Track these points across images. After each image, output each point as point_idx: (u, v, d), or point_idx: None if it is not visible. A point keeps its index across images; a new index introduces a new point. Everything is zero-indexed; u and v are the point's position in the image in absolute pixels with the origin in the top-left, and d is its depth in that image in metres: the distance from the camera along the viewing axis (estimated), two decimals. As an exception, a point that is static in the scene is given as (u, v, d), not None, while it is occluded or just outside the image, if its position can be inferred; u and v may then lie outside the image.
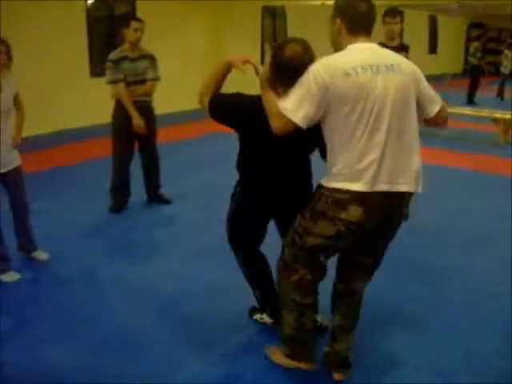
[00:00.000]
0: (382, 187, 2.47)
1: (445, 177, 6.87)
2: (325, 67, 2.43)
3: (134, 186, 5.63)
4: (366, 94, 2.40)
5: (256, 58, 2.80)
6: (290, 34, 14.14)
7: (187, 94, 9.87)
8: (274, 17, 13.96)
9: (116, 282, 4.05)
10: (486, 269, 4.31)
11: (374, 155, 2.43)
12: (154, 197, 5.73)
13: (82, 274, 4.15)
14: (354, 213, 2.47)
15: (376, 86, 2.42)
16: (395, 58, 2.60)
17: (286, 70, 2.49)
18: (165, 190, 5.80)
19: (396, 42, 5.50)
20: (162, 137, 5.95)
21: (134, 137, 5.36)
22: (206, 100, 2.83)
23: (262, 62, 2.65)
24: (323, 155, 2.70)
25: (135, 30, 5.17)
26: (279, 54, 2.52)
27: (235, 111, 2.82)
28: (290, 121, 2.43)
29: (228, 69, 2.90)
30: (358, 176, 2.45)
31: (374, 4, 2.57)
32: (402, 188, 2.52)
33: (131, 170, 5.57)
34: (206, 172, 6.95)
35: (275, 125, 2.49)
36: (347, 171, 2.46)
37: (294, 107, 2.43)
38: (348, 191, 2.46)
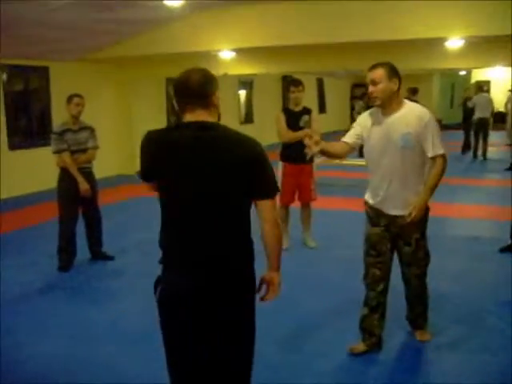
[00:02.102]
0: None
1: (347, 218, 7.88)
2: None
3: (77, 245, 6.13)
4: None
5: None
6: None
7: (105, 161, 10.42)
8: (177, 86, 14.79)
9: (82, 324, 4.57)
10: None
11: None
12: (98, 254, 6.25)
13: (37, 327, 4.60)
14: None
15: None
16: None
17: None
18: (105, 247, 6.34)
19: (300, 107, 6.44)
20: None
21: (78, 200, 5.92)
22: None
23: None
24: None
25: (77, 105, 5.80)
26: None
27: None
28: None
29: None
30: None
31: None
32: None
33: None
34: (137, 231, 7.56)
35: None
36: None
37: None
38: None
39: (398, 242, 3.88)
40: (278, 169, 6.36)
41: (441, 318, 4.51)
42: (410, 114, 3.65)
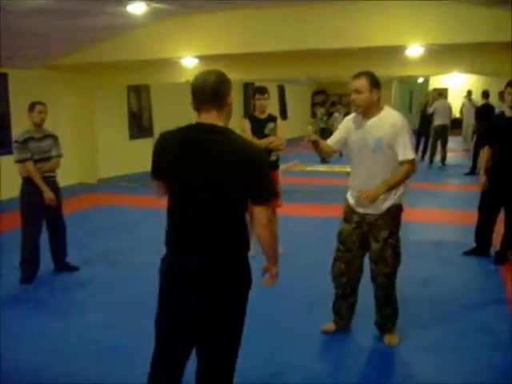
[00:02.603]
0: None
1: (312, 225, 7.93)
2: None
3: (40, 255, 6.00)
4: None
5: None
6: (155, 108, 14.99)
7: (67, 169, 10.26)
8: (138, 93, 14.69)
9: (47, 337, 4.47)
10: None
11: None
12: (62, 265, 6.12)
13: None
14: None
15: None
16: None
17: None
18: (69, 258, 6.21)
19: (265, 115, 6.45)
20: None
21: (42, 210, 5.80)
22: None
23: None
24: None
25: (39, 112, 5.69)
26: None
27: None
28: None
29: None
30: None
31: None
32: None
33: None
34: (101, 240, 7.47)
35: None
36: None
37: None
38: None
39: (369, 239, 4.08)
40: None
41: (409, 322, 4.56)
42: (385, 120, 3.91)
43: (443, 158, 14.88)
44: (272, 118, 6.39)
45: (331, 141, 4.24)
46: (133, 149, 14.01)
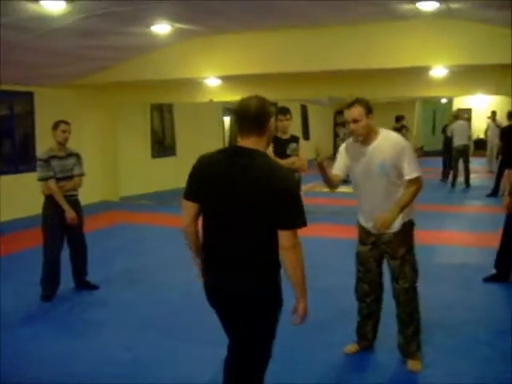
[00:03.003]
0: None
1: (331, 246, 7.86)
2: None
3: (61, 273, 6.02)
4: None
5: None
6: (178, 127, 15.09)
7: (89, 187, 10.36)
8: (161, 112, 14.81)
9: (65, 357, 4.45)
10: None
11: None
12: (82, 283, 6.14)
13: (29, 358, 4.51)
14: None
15: None
16: None
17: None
18: (89, 276, 6.23)
19: (288, 135, 6.46)
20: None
21: (63, 228, 5.83)
22: None
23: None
24: None
25: (63, 131, 5.74)
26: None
27: None
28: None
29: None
30: None
31: None
32: None
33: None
34: (121, 259, 7.48)
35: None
36: None
37: None
38: None
39: (387, 258, 4.14)
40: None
41: (434, 348, 4.48)
42: (385, 142, 3.93)
43: (467, 179, 14.69)
44: (294, 139, 6.40)
45: (336, 170, 4.20)
46: (155, 167, 14.12)
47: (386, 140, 3.94)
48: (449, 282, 6.31)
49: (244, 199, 2.65)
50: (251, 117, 2.70)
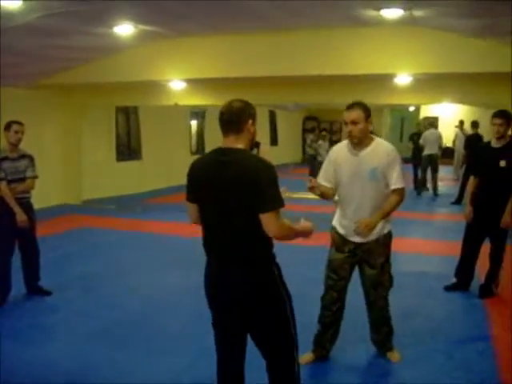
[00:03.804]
0: None
1: (300, 253, 7.77)
2: None
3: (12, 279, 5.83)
4: None
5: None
6: (144, 130, 14.89)
7: (51, 189, 10.13)
8: (127, 115, 14.60)
9: (15, 364, 4.29)
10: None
11: None
12: (34, 289, 5.95)
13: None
14: None
15: None
16: None
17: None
18: (42, 282, 6.05)
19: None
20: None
21: (14, 232, 5.64)
22: None
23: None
24: None
25: (16, 132, 5.57)
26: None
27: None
28: None
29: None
30: None
31: None
32: None
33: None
34: (78, 264, 7.29)
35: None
36: None
37: None
38: None
39: (364, 266, 4.21)
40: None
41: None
42: (379, 149, 4.00)
43: (434, 188, 14.80)
44: (255, 144, 6.29)
45: (325, 181, 4.18)
46: (119, 171, 13.89)
47: (380, 147, 4.01)
48: (409, 289, 6.27)
49: (228, 194, 2.87)
50: (230, 117, 2.93)
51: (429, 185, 15.11)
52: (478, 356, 4.56)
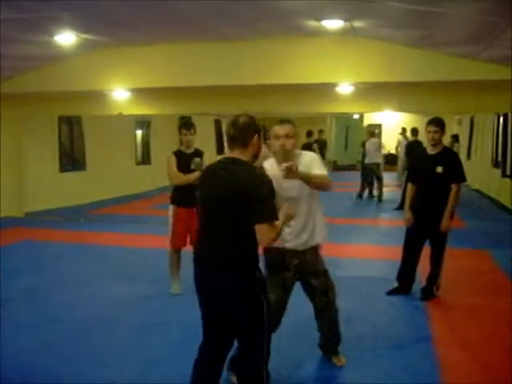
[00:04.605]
0: None
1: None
2: None
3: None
4: None
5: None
6: (88, 140, 14.68)
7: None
8: (70, 125, 14.37)
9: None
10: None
11: None
12: (-25, 304, 5.81)
13: None
14: None
15: None
16: None
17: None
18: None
19: (191, 149, 6.37)
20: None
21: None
22: None
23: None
24: None
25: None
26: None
27: None
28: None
29: None
30: None
31: None
32: None
33: None
34: (22, 277, 7.12)
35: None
36: None
37: None
38: None
39: (308, 276, 4.25)
40: (170, 213, 6.26)
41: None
42: (304, 159, 4.08)
43: (379, 195, 15.11)
44: (198, 153, 6.32)
45: None
46: (63, 182, 13.67)
47: (304, 157, 4.10)
48: (351, 294, 6.36)
49: (223, 201, 3.14)
50: (236, 132, 3.16)
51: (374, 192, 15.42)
52: (420, 357, 4.68)
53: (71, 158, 14.42)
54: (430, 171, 5.97)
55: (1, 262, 7.80)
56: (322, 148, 16.79)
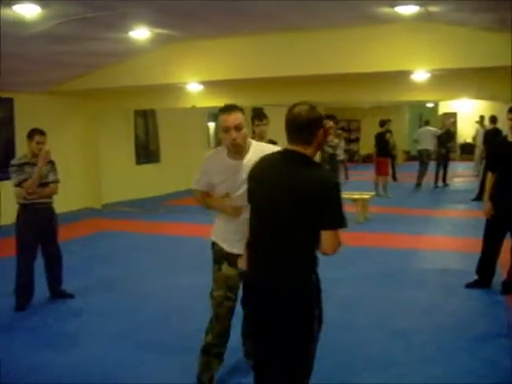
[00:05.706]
0: None
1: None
2: None
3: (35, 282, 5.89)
4: None
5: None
6: (162, 133, 15.00)
7: (71, 194, 10.23)
8: (145, 118, 14.70)
9: (38, 370, 4.31)
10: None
11: None
12: (57, 292, 6.03)
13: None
14: None
15: None
16: None
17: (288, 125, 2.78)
18: (65, 285, 6.13)
19: (265, 140, 6.36)
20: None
21: (38, 236, 5.73)
22: None
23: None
24: None
25: (37, 143, 5.61)
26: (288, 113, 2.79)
27: None
28: None
29: None
30: None
31: None
32: None
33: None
34: (100, 267, 7.37)
35: None
36: None
37: None
38: None
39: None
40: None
41: (411, 354, 4.45)
42: (258, 150, 3.40)
43: (435, 181, 15.47)
44: (272, 143, 6.31)
45: (204, 187, 3.78)
46: (139, 174, 14.01)
47: (258, 148, 3.52)
48: (429, 287, 6.26)
49: (285, 202, 2.69)
50: (301, 126, 2.71)
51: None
52: (501, 353, 4.52)
53: (146, 151, 14.77)
54: (510, 159, 5.74)
55: (80, 252, 8.10)
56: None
